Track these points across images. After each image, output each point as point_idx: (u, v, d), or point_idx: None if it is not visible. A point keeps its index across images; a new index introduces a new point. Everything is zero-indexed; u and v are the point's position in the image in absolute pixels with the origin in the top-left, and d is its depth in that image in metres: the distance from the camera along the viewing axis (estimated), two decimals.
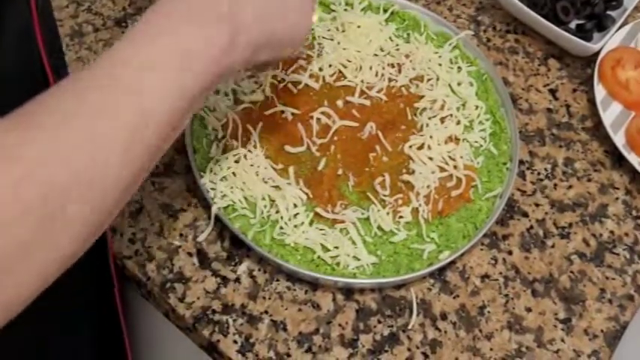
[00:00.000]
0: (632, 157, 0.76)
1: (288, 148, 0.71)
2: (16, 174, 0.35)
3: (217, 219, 0.67)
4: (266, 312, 0.64)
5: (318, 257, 0.65)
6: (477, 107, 0.77)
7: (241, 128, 0.71)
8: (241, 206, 0.67)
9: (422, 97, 0.77)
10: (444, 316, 0.66)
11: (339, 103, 0.75)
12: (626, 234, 0.73)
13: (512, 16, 0.88)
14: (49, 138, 0.37)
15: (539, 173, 0.77)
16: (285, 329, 0.64)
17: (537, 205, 0.74)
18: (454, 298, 0.67)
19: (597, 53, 0.83)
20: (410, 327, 0.65)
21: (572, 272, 0.70)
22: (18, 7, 0.47)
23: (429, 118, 0.75)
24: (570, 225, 0.73)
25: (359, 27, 0.80)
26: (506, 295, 0.68)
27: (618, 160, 0.78)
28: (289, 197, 0.67)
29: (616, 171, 0.78)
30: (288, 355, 0.62)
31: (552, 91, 0.83)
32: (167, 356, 0.84)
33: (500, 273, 0.69)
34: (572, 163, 0.78)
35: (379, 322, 0.65)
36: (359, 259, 0.66)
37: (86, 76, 0.41)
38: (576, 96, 0.83)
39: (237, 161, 0.69)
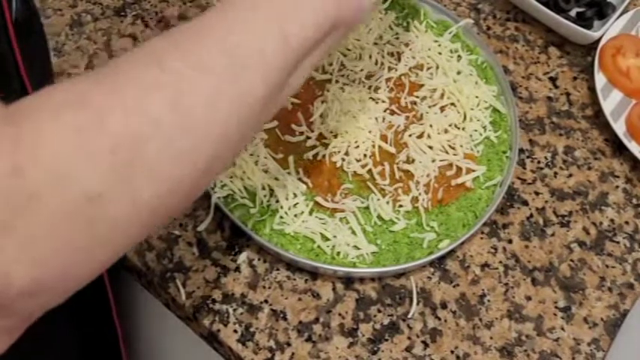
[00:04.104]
0: (632, 146, 0.76)
1: (287, 137, 0.71)
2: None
3: (217, 208, 0.67)
4: (266, 301, 0.64)
5: (318, 246, 0.65)
6: (477, 96, 0.77)
7: None
8: (241, 196, 0.67)
9: (422, 85, 0.76)
10: (444, 305, 0.66)
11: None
12: (627, 222, 0.73)
13: (512, 4, 0.88)
14: None
15: (539, 162, 0.76)
16: (285, 318, 0.64)
17: (537, 193, 0.74)
18: (454, 286, 0.67)
19: (598, 41, 0.82)
20: (410, 316, 0.65)
21: (572, 261, 0.70)
22: None
23: (429, 107, 0.75)
24: (570, 213, 0.73)
25: None
26: (506, 284, 0.68)
27: (618, 149, 0.78)
28: (289, 186, 0.67)
29: (616, 159, 0.78)
30: (289, 344, 0.62)
31: (552, 79, 0.83)
32: (166, 346, 0.84)
33: (500, 262, 0.69)
34: (573, 151, 0.78)
35: (379, 311, 0.65)
36: (359, 248, 0.66)
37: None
38: (576, 84, 0.83)
39: None
